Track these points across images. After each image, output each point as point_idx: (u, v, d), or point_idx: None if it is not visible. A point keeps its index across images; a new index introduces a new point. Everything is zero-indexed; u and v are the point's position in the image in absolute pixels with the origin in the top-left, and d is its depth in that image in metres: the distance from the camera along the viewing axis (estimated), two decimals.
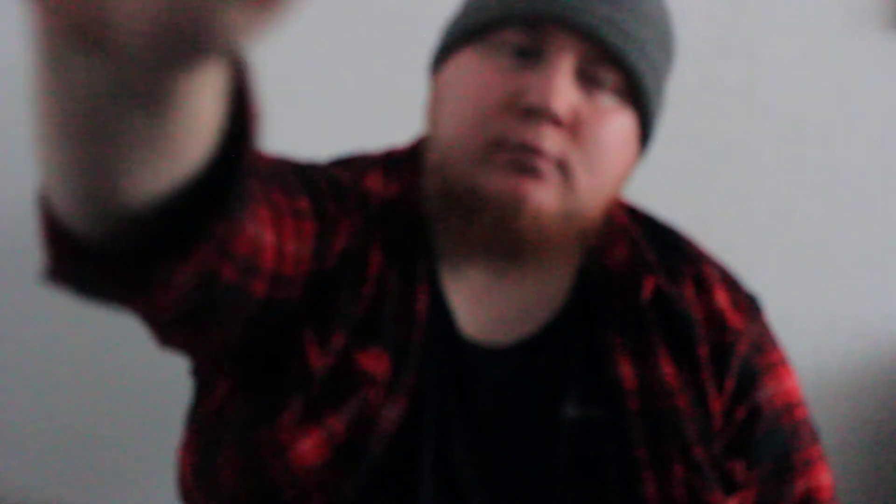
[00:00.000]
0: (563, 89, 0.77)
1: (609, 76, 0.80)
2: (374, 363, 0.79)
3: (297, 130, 1.37)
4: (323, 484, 0.77)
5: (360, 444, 0.78)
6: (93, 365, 1.36)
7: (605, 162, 0.80)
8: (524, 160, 0.77)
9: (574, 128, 0.79)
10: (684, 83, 1.44)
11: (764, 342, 0.89)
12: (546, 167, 0.78)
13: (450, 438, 0.80)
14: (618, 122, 0.80)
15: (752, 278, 0.98)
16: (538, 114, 0.77)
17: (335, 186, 0.84)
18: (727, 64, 1.45)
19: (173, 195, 0.49)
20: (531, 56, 0.80)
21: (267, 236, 0.70)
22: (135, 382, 1.37)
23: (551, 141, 0.78)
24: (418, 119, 0.94)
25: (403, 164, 0.89)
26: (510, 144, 0.78)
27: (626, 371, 0.83)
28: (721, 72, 1.45)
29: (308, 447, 0.77)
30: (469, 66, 0.81)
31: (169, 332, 0.70)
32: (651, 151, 0.94)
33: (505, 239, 0.79)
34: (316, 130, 1.37)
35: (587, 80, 0.80)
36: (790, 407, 0.89)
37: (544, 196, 0.78)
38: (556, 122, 0.77)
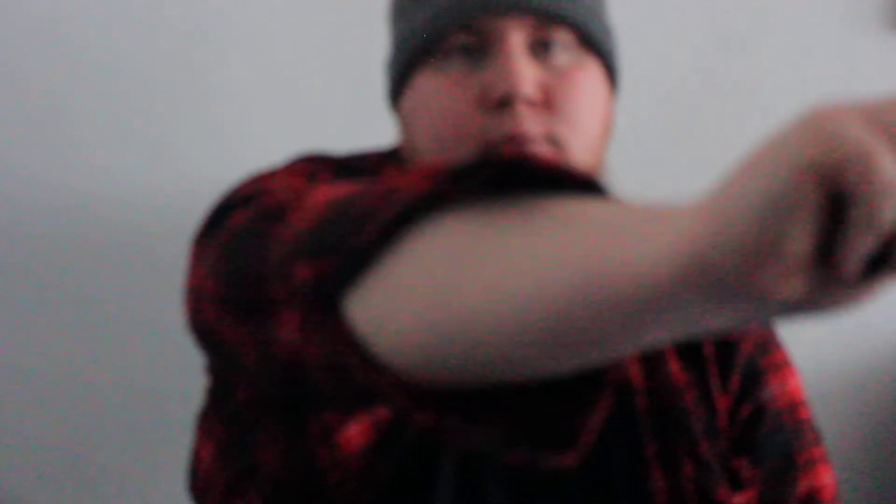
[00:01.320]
0: (523, 71, 0.78)
1: (559, 38, 0.81)
2: None
3: (297, 130, 1.37)
4: (363, 468, 0.77)
5: (401, 428, 0.78)
6: (94, 369, 1.36)
7: (585, 117, 0.81)
8: (517, 151, 0.78)
9: (547, 101, 0.80)
10: (684, 83, 1.44)
11: (768, 342, 0.90)
12: (538, 149, 0.79)
13: None
14: (583, 77, 0.82)
15: None
16: (509, 102, 0.78)
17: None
18: (727, 64, 1.45)
19: None
20: (480, 50, 0.81)
21: None
22: (137, 387, 1.36)
23: (532, 122, 0.79)
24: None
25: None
26: (497, 140, 0.79)
27: (634, 370, 0.84)
28: (721, 72, 1.45)
29: (355, 431, 0.78)
30: (427, 87, 0.82)
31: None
32: (651, 151, 0.94)
33: None
34: (316, 130, 1.37)
35: (540, 49, 0.81)
36: (793, 407, 0.89)
37: None
38: (529, 102, 0.79)
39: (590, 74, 0.82)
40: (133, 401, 1.36)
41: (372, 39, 1.37)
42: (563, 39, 0.81)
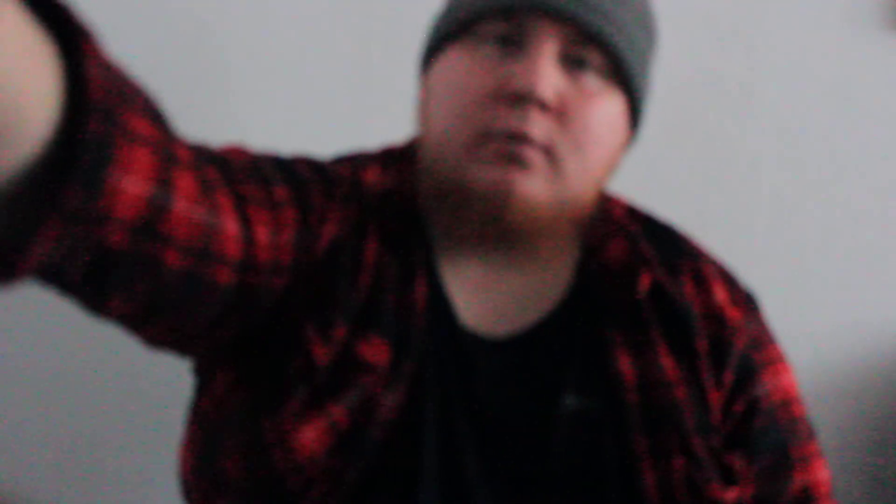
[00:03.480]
0: (547, 74, 0.78)
1: (592, 58, 0.81)
2: (375, 352, 0.80)
3: (297, 130, 1.37)
4: (326, 472, 0.77)
5: (361, 431, 0.78)
6: (93, 366, 1.36)
7: (592, 146, 0.80)
8: (511, 150, 0.78)
9: (560, 112, 0.79)
10: (684, 82, 1.45)
11: (762, 338, 0.90)
12: (533, 156, 0.78)
13: (451, 427, 0.81)
14: (604, 105, 0.81)
15: (752, 278, 0.98)
16: (524, 100, 0.78)
17: (323, 177, 0.85)
18: (727, 64, 1.46)
19: (31, 173, 0.52)
20: (513, 44, 0.81)
21: (227, 223, 0.71)
22: (135, 383, 1.37)
23: (538, 127, 0.78)
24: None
25: (400, 159, 0.90)
26: (497, 134, 0.78)
27: (625, 365, 0.84)
28: (721, 72, 1.46)
29: (311, 436, 0.78)
30: (454, 61, 0.82)
31: (141, 328, 0.71)
32: (651, 151, 0.94)
33: (497, 231, 0.80)
34: (315, 131, 1.37)
35: (571, 63, 0.81)
36: (787, 402, 0.89)
37: (532, 185, 0.79)
38: (542, 106, 0.78)
39: (611, 106, 0.82)
40: (134, 399, 1.37)
41: (373, 39, 1.38)
42: (596, 62, 0.80)
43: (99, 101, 0.54)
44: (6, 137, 0.49)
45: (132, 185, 0.59)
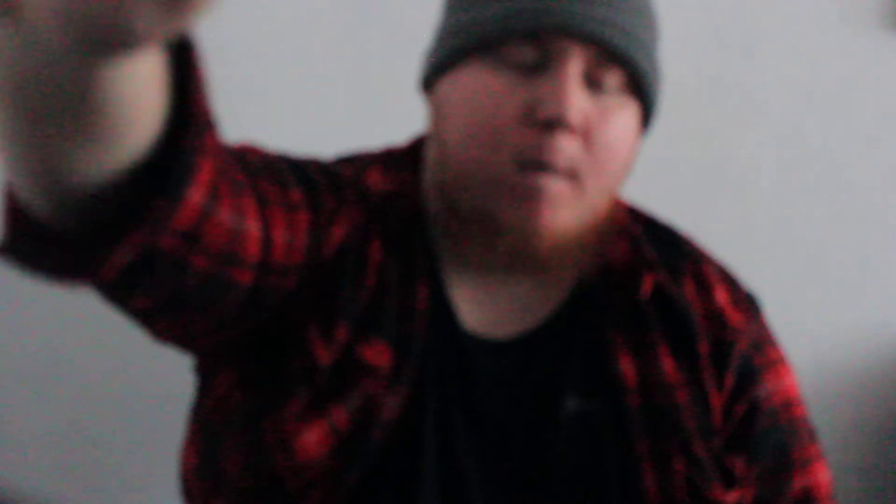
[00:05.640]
0: (576, 97, 0.78)
1: (614, 75, 0.80)
2: (377, 356, 0.80)
3: (299, 130, 1.37)
4: (326, 475, 0.78)
5: (363, 434, 0.79)
6: (94, 365, 1.36)
7: (612, 162, 0.81)
8: (539, 185, 0.78)
9: (585, 132, 0.79)
10: (684, 83, 1.45)
11: (763, 340, 0.90)
12: (560, 188, 0.79)
13: (451, 430, 0.81)
14: (623, 119, 0.81)
15: (752, 279, 0.98)
16: (555, 125, 0.77)
17: (333, 180, 0.85)
18: (727, 64, 1.46)
19: (125, 177, 0.53)
20: (537, 65, 0.80)
21: (250, 226, 0.71)
22: (136, 382, 1.37)
23: (565, 151, 0.78)
24: (418, 119, 0.94)
25: (403, 161, 0.90)
26: (527, 163, 0.78)
27: (627, 367, 0.84)
28: (721, 72, 1.46)
29: (312, 438, 0.78)
30: (475, 81, 0.81)
31: (153, 322, 0.71)
32: (651, 152, 0.95)
33: (525, 261, 0.81)
34: (316, 130, 1.37)
35: (593, 81, 0.80)
36: (789, 405, 0.89)
37: (559, 217, 0.79)
38: (570, 130, 0.78)
39: (628, 118, 0.82)
40: (135, 399, 1.37)
41: (374, 40, 1.38)
42: (618, 79, 0.80)
43: (198, 120, 0.55)
44: (118, 146, 0.50)
45: (196, 195, 0.60)
